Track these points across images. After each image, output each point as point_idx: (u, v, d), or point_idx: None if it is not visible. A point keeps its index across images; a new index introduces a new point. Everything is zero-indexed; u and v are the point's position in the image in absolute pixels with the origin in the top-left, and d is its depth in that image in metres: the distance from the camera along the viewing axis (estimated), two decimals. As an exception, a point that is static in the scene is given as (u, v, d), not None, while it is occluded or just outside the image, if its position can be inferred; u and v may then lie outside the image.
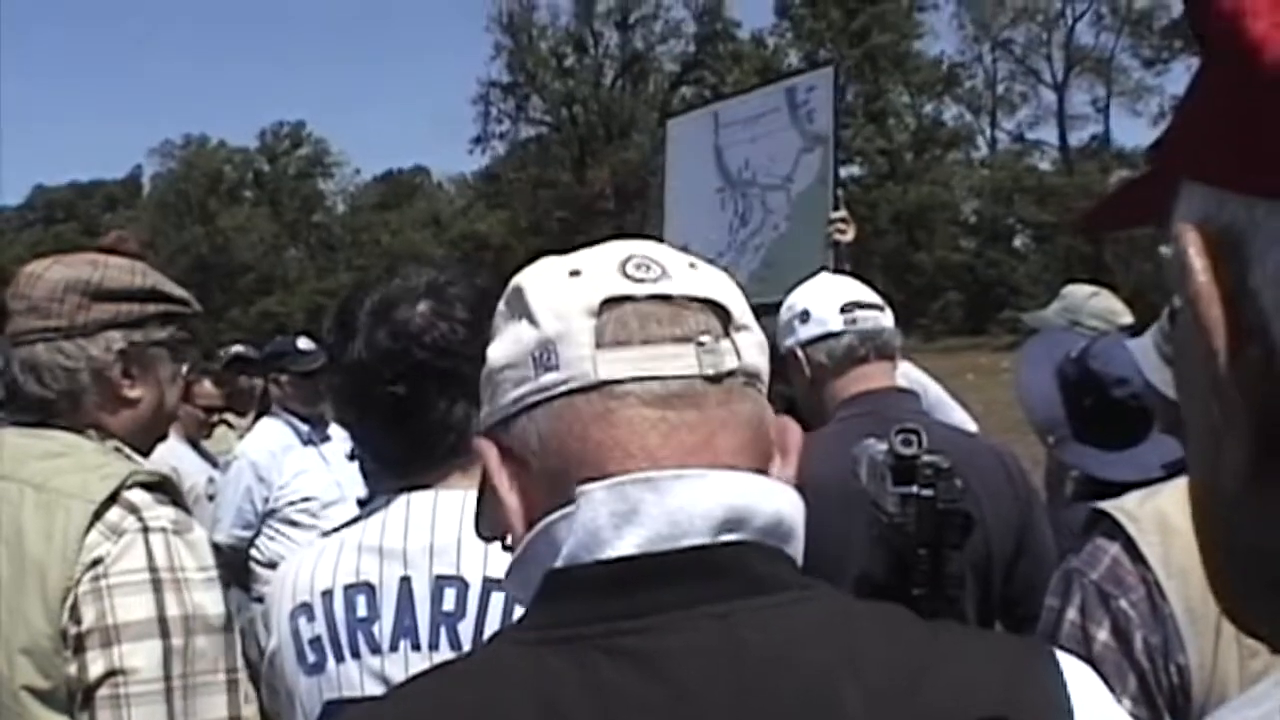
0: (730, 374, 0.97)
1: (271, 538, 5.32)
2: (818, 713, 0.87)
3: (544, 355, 0.97)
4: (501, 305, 1.06)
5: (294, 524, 5.30)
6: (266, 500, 5.31)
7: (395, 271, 1.88)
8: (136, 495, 1.91)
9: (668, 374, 0.95)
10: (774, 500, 0.96)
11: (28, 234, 65.08)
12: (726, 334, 0.99)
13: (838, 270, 3.96)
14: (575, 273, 1.00)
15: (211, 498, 5.63)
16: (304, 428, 5.50)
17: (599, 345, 0.96)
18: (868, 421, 2.30)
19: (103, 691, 1.79)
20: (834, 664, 0.88)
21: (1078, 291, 4.53)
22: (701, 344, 0.96)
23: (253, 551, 5.32)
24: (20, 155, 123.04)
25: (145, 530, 1.88)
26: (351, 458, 5.60)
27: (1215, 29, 0.51)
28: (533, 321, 0.99)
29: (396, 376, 1.75)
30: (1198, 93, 0.55)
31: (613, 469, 0.94)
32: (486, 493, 1.05)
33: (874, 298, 2.79)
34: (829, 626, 0.92)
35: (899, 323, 2.83)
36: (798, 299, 2.80)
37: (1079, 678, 0.95)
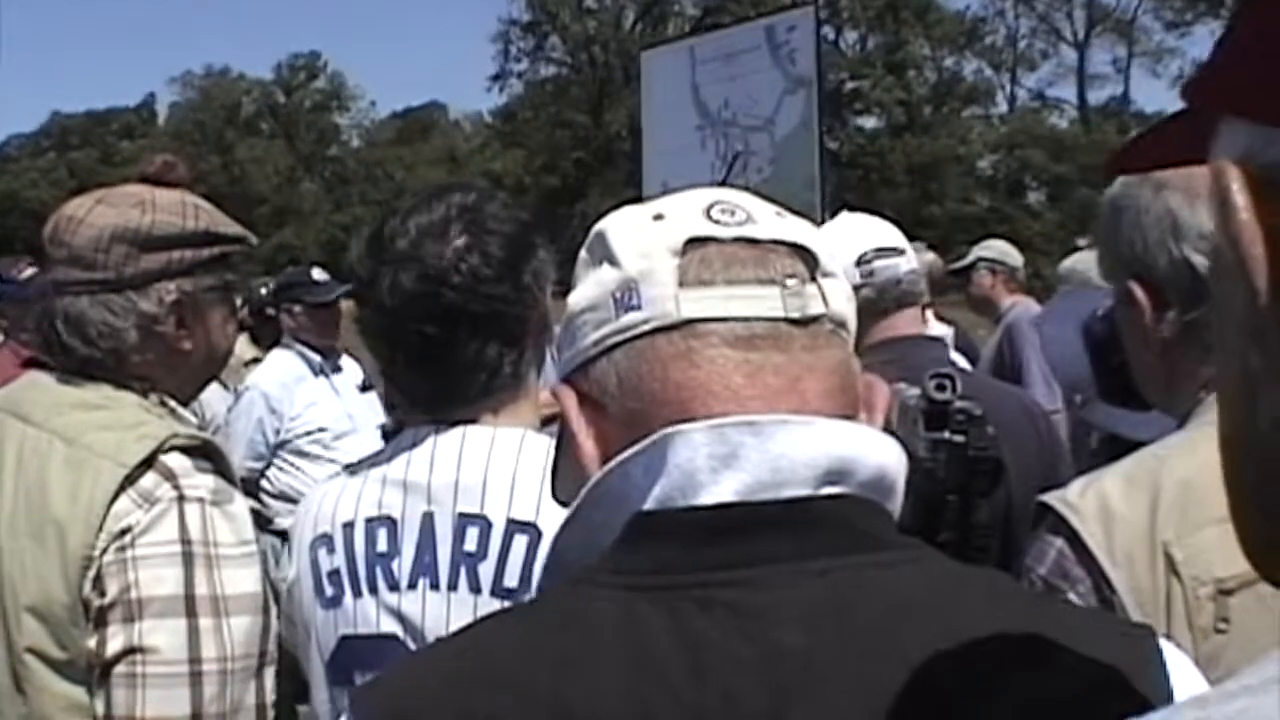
0: (816, 319, 0.94)
1: (282, 469, 5.35)
2: (917, 681, 0.82)
3: (626, 295, 0.95)
4: (583, 253, 1.03)
5: (305, 455, 5.33)
6: (278, 431, 5.34)
7: (431, 193, 1.77)
8: (174, 460, 1.77)
9: (751, 315, 0.92)
10: (879, 453, 0.93)
11: (43, 161, 64.94)
12: (813, 279, 0.96)
13: (823, 219, 3.88)
14: (659, 216, 0.98)
15: (228, 428, 5.62)
16: (316, 359, 5.51)
17: (682, 284, 0.93)
18: (892, 369, 2.25)
19: (120, 669, 1.68)
20: (937, 631, 0.84)
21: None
22: (787, 287, 0.93)
23: (263, 483, 5.34)
24: (34, 80, 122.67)
25: (180, 499, 1.74)
26: (364, 389, 5.63)
27: None
28: (614, 263, 0.97)
29: (426, 316, 1.68)
30: (1242, 28, 0.53)
31: (696, 409, 0.90)
32: (564, 444, 1.02)
33: (891, 240, 2.72)
34: (932, 591, 0.88)
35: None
36: None
37: (1180, 667, 0.91)
